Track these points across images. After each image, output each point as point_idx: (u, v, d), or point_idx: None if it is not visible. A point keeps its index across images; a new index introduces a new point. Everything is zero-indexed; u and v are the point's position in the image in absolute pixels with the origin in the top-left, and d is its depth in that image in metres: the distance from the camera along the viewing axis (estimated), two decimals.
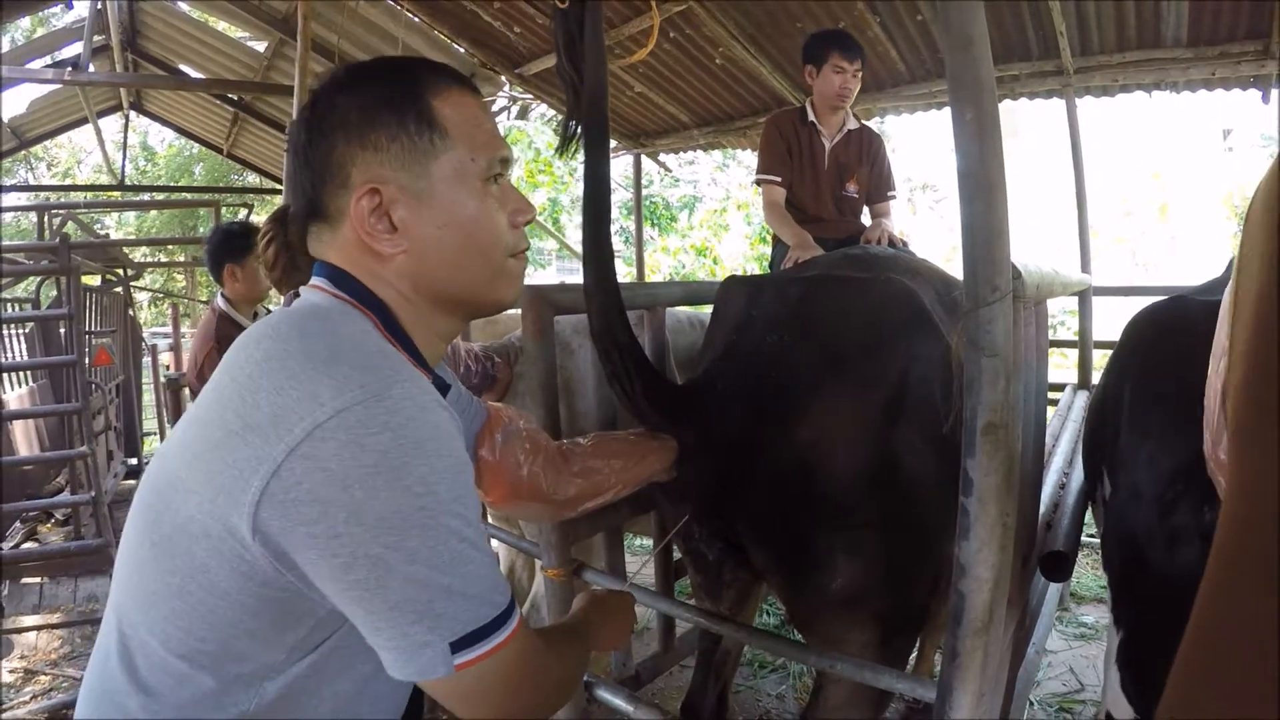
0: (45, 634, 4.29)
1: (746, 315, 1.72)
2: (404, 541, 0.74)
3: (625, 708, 1.73)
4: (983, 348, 1.00)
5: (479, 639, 0.79)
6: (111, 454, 6.53)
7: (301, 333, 0.82)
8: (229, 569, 0.77)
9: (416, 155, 0.89)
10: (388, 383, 0.77)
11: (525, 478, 1.28)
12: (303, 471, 0.74)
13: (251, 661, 0.81)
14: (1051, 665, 3.06)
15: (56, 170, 16.89)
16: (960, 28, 1.00)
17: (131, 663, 0.82)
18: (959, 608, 1.09)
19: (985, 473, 1.03)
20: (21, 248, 7.05)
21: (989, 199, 0.99)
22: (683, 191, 12.03)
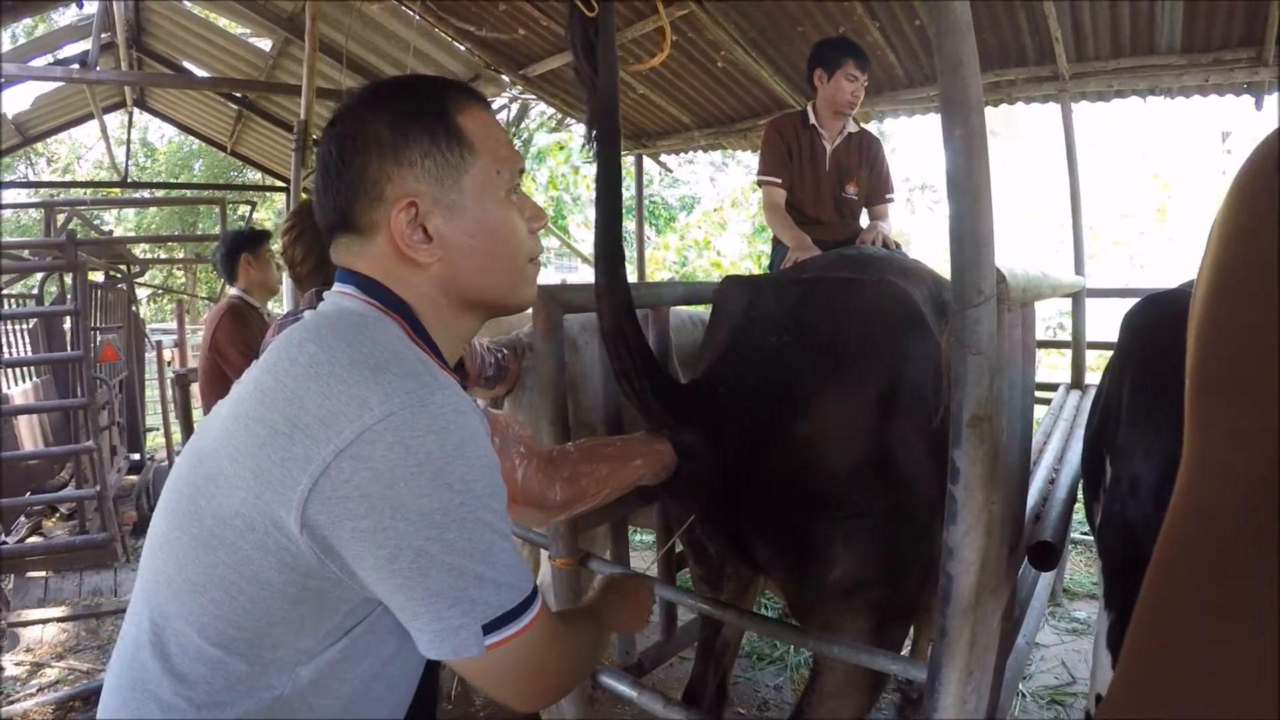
0: (50, 627, 4.32)
1: (746, 316, 1.77)
2: (444, 534, 0.81)
3: (629, 693, 1.78)
4: (969, 346, 1.08)
5: (508, 621, 0.85)
6: (115, 449, 6.56)
7: (345, 340, 0.87)
8: (273, 560, 0.83)
9: (449, 170, 0.95)
10: (430, 389, 0.83)
11: (519, 482, 1.34)
12: (351, 470, 0.79)
13: (287, 648, 0.87)
14: (1044, 659, 3.12)
15: (56, 166, 16.84)
16: (952, 51, 1.07)
17: (165, 651, 0.87)
18: (947, 588, 1.16)
19: (971, 462, 1.10)
20: (28, 244, 7.07)
21: (975, 209, 1.06)
22: (681, 191, 12.07)
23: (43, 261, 6.22)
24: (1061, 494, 1.92)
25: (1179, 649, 0.39)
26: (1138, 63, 3.66)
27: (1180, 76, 3.58)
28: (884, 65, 4.14)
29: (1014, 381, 1.33)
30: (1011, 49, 3.81)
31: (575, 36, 1.49)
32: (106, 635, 4.20)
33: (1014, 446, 1.40)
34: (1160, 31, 3.44)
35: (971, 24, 1.09)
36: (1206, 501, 0.42)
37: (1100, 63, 3.74)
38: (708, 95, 4.89)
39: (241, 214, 10.37)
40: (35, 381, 6.92)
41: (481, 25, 4.44)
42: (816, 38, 3.61)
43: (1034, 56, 3.84)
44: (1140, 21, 3.42)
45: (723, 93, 4.83)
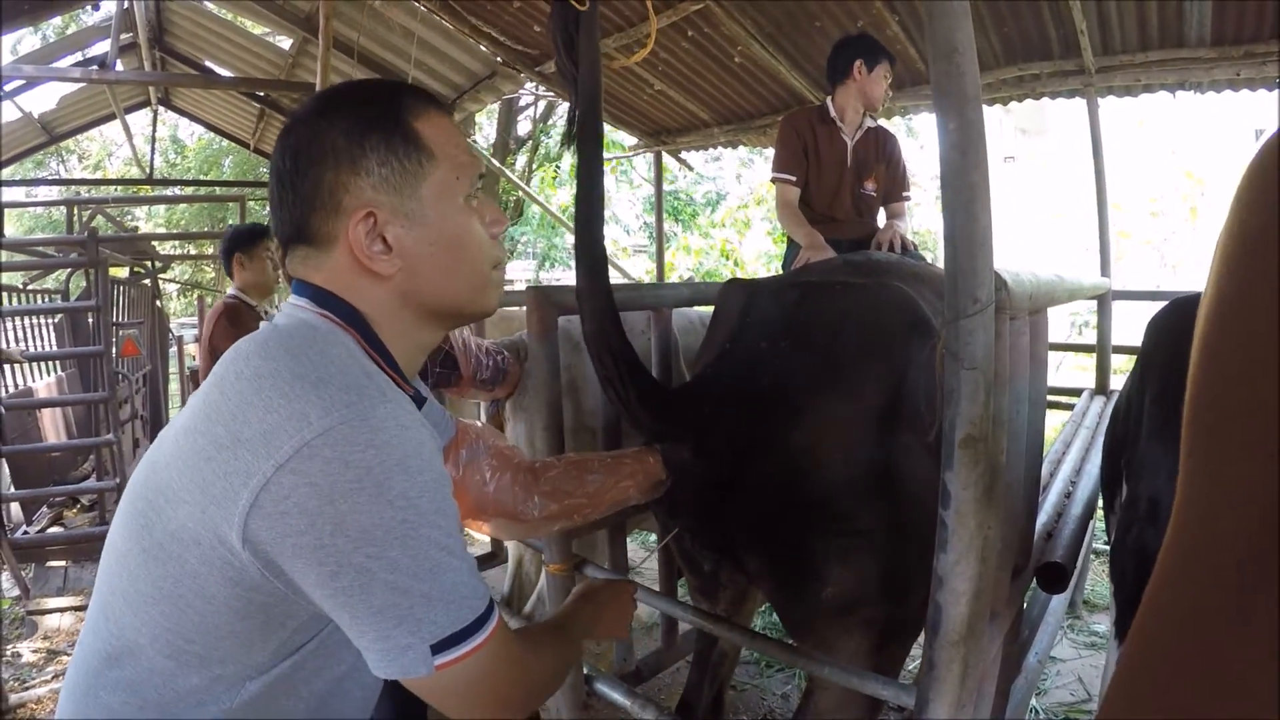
0: (68, 616, 4.37)
1: (742, 320, 1.72)
2: (386, 552, 0.78)
3: (624, 702, 1.74)
4: (962, 360, 1.00)
5: (458, 641, 0.83)
6: (138, 442, 6.63)
7: (290, 352, 0.85)
8: (219, 575, 0.81)
9: (406, 178, 0.92)
10: (373, 403, 0.81)
11: (491, 494, 1.30)
12: (290, 486, 0.77)
13: (236, 662, 0.85)
14: (1060, 674, 3.03)
15: (87, 163, 17.09)
16: (944, 36, 1.00)
17: (117, 661, 0.87)
18: (936, 619, 1.10)
19: (963, 485, 1.03)
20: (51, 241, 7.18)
21: (970, 210, 0.99)
22: (707, 188, 12.00)
23: (65, 258, 6.30)
24: (1077, 509, 1.84)
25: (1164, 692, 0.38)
26: (1166, 56, 3.55)
27: (1210, 70, 3.47)
28: (904, 60, 4.05)
29: (1020, 395, 1.26)
30: (1036, 42, 3.72)
31: (556, 31, 1.46)
32: None
33: (1019, 464, 1.33)
34: (1189, 24, 3.33)
35: (967, 7, 1.02)
36: (1194, 552, 0.40)
37: (1127, 56, 3.64)
38: (725, 91, 4.82)
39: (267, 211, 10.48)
40: (59, 375, 7.03)
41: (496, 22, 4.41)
42: (835, 32, 3.57)
43: (1059, 50, 3.74)
44: (1168, 14, 3.32)
45: (741, 89, 4.76)
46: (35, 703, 3.36)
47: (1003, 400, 1.09)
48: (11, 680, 3.58)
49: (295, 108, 0.97)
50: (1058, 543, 1.67)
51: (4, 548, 4.76)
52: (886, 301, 1.62)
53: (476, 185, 0.98)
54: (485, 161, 8.80)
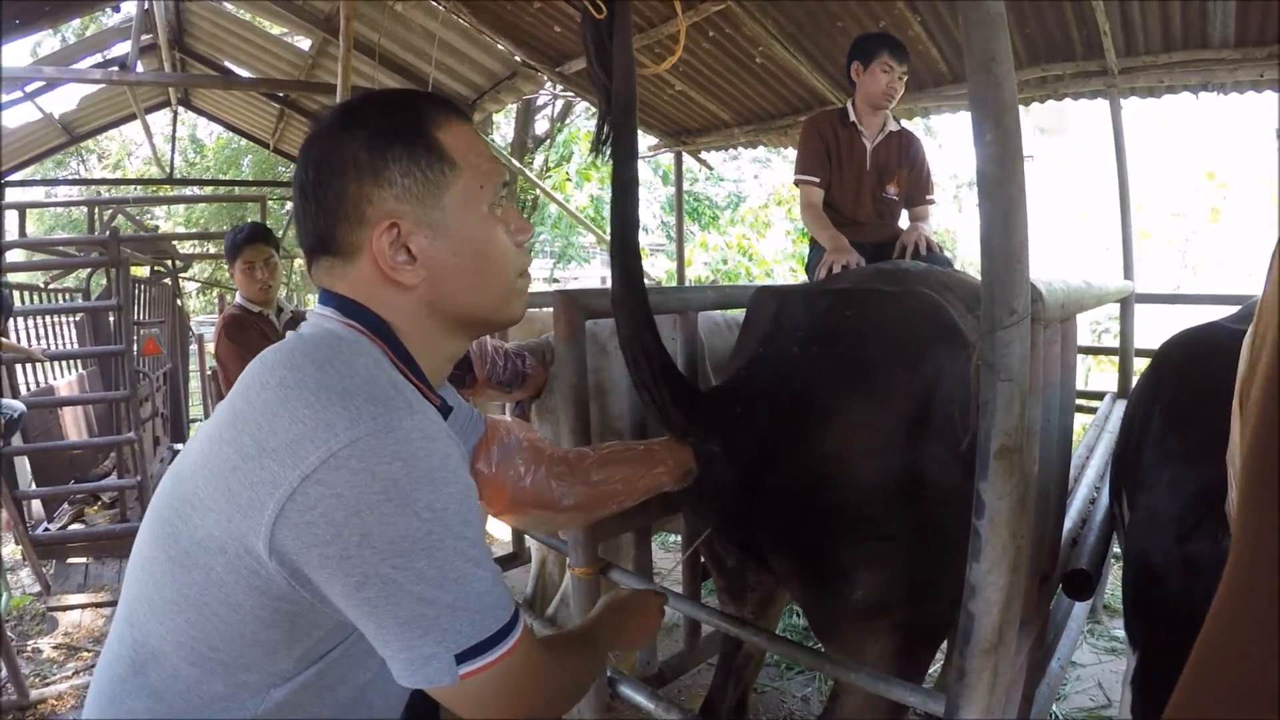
0: (89, 612, 4.41)
1: (774, 326, 1.72)
2: (412, 563, 0.79)
3: (647, 705, 1.75)
4: (999, 371, 1.00)
5: (483, 650, 0.84)
6: (158, 439, 6.70)
7: (316, 363, 0.86)
8: (245, 584, 0.82)
9: (430, 188, 0.92)
10: (399, 415, 0.82)
11: (527, 487, 1.31)
12: (317, 496, 0.78)
13: (261, 670, 0.86)
14: (1080, 679, 3.01)
15: (107, 162, 17.20)
16: (981, 45, 0.99)
17: (143, 667, 0.88)
18: (968, 628, 1.10)
19: (998, 495, 1.03)
20: (72, 241, 7.25)
21: (1009, 222, 0.98)
22: (726, 189, 11.96)
23: (86, 257, 6.36)
24: (1101, 515, 1.84)
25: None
26: (1189, 57, 3.51)
27: (1234, 72, 3.44)
28: (926, 60, 4.04)
29: (1051, 403, 1.26)
30: (1058, 43, 3.69)
31: (588, 38, 1.46)
32: None
33: (1051, 470, 1.33)
34: (1213, 25, 3.30)
35: (1004, 15, 1.01)
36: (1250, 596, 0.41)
37: (1150, 57, 3.61)
38: (746, 92, 4.81)
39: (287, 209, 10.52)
40: (80, 373, 7.10)
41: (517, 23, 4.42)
42: (856, 32, 3.53)
43: (1081, 51, 3.71)
44: (1191, 14, 3.29)
45: (762, 89, 4.74)
46: (56, 698, 3.40)
47: (1036, 410, 1.09)
48: (32, 676, 3.61)
49: (317, 120, 0.98)
50: (1083, 549, 1.66)
51: (25, 544, 4.81)
52: (916, 310, 1.62)
53: (501, 193, 0.98)
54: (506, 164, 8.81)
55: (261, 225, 3.38)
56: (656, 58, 4.35)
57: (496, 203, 0.97)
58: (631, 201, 1.49)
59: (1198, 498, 1.20)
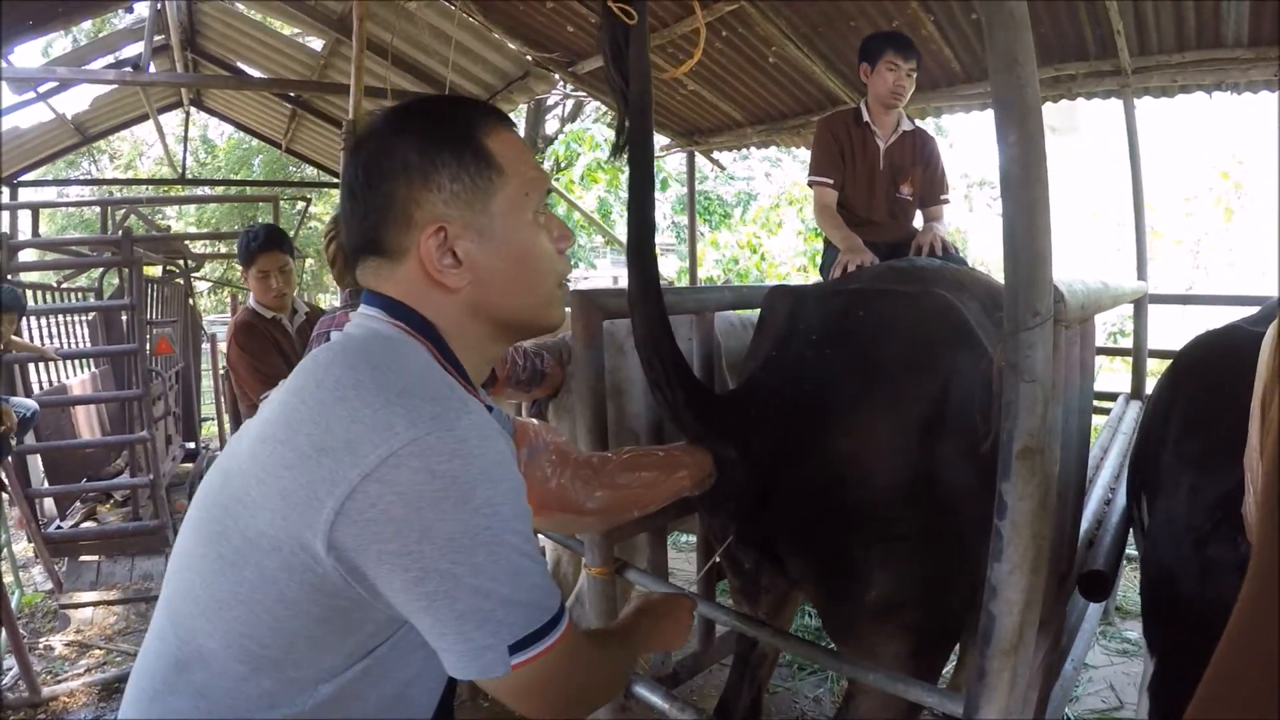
0: (101, 610, 4.44)
1: (789, 327, 1.73)
2: (471, 558, 0.81)
3: (662, 705, 1.75)
4: (1022, 373, 1.00)
5: (534, 641, 0.85)
6: (170, 438, 6.72)
7: (371, 363, 0.88)
8: (299, 581, 0.83)
9: (477, 193, 0.94)
10: (457, 414, 0.83)
11: (554, 490, 1.32)
12: (377, 494, 0.79)
13: (309, 666, 0.87)
14: (1092, 681, 3.02)
15: (119, 162, 17.25)
16: (1005, 47, 1.00)
17: (187, 666, 0.88)
18: (988, 628, 1.10)
19: (1020, 497, 1.03)
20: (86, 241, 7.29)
21: (1031, 222, 0.99)
22: (737, 188, 11.95)
23: (100, 257, 6.39)
24: (1116, 517, 1.83)
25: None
26: (1203, 56, 3.50)
27: (1247, 71, 3.42)
28: (939, 60, 4.03)
29: (1070, 403, 1.26)
30: (1071, 42, 3.68)
31: (605, 42, 1.46)
32: None
33: (1069, 472, 1.33)
34: (1226, 24, 3.29)
35: (1028, 18, 1.01)
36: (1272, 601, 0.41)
37: (1164, 56, 3.59)
38: (759, 91, 4.81)
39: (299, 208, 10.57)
40: (94, 371, 7.13)
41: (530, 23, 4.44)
42: (869, 31, 3.53)
43: (1095, 50, 3.70)
44: (1205, 14, 3.28)
45: (775, 89, 4.74)
46: (68, 696, 3.42)
47: (1057, 411, 1.10)
48: (44, 673, 3.63)
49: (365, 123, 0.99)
50: (1098, 551, 1.66)
51: (38, 542, 4.85)
52: (931, 310, 1.62)
53: (545, 201, 0.99)
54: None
55: (276, 230, 3.31)
56: (669, 58, 4.35)
57: (540, 210, 0.98)
58: (648, 204, 1.50)
59: (1215, 502, 1.20)
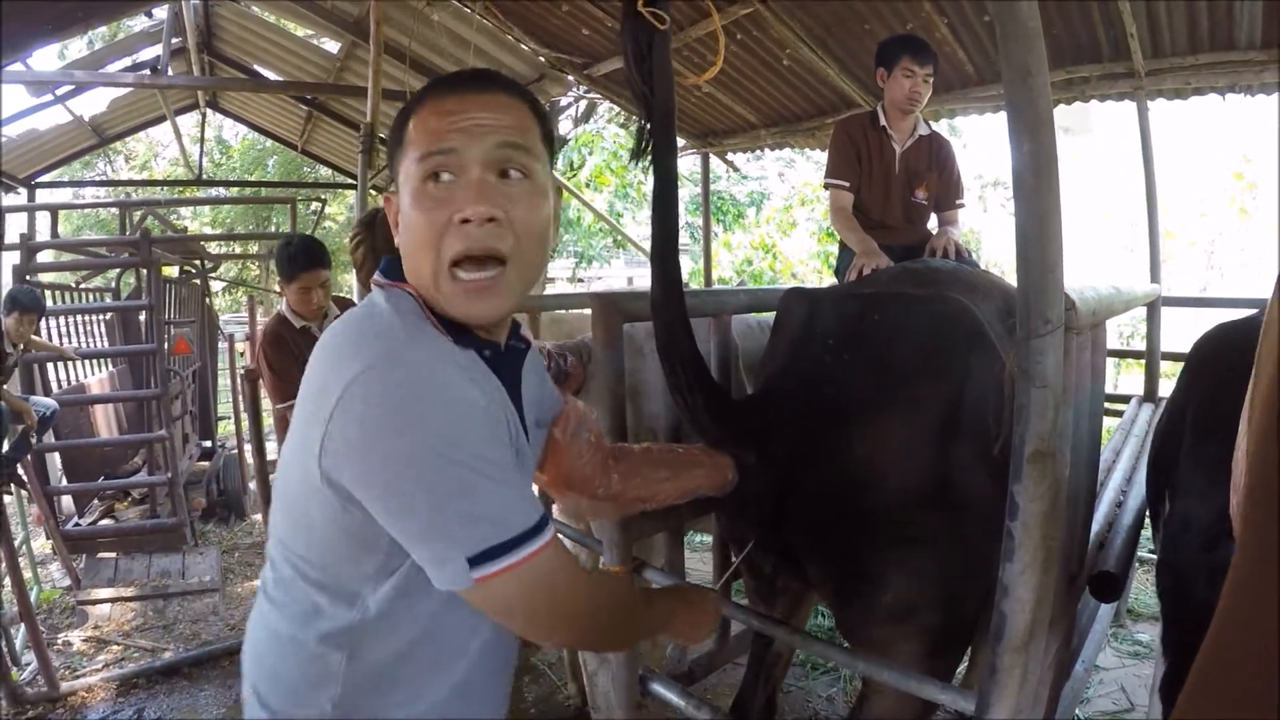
0: (118, 606, 4.51)
1: (806, 331, 1.75)
2: (422, 475, 0.88)
3: (679, 703, 1.78)
4: (1033, 378, 1.03)
5: (497, 555, 0.90)
6: (187, 437, 6.78)
7: (353, 315, 1.00)
8: (317, 507, 0.95)
9: (398, 165, 1.01)
10: (402, 348, 0.92)
11: (580, 469, 1.36)
12: (343, 424, 0.89)
13: (349, 581, 0.98)
14: (1103, 683, 3.03)
15: (134, 163, 17.37)
16: (1018, 58, 1.02)
17: (270, 585, 1.06)
18: (1000, 626, 1.13)
19: (1031, 499, 1.06)
20: (105, 242, 7.36)
21: (1044, 233, 1.02)
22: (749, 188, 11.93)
23: (119, 258, 6.46)
24: (1128, 519, 1.85)
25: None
26: (1216, 59, 3.50)
27: (1261, 74, 3.42)
28: (953, 63, 4.04)
29: (1081, 407, 1.28)
30: (1085, 44, 3.68)
31: (628, 47, 1.47)
32: (172, 616, 4.37)
33: (1079, 474, 1.35)
34: (1239, 27, 3.29)
35: (1040, 29, 1.04)
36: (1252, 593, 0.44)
37: (1177, 59, 3.59)
38: (773, 94, 4.83)
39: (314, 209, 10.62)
40: (111, 370, 7.19)
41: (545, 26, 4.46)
42: (883, 35, 3.54)
43: (1108, 53, 3.69)
44: (1218, 16, 3.28)
45: (789, 91, 4.76)
46: (86, 691, 3.48)
47: (1068, 415, 1.12)
48: (62, 669, 3.69)
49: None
50: (1110, 552, 1.67)
51: (56, 539, 4.90)
52: (945, 314, 1.65)
53: (434, 164, 0.96)
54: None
55: (315, 246, 3.29)
56: (685, 60, 4.37)
57: (431, 176, 0.96)
58: (671, 211, 1.52)
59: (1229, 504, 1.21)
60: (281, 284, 3.32)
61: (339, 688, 0.99)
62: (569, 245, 12.10)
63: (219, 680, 3.62)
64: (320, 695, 0.99)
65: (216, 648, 3.90)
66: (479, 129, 0.95)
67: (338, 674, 0.99)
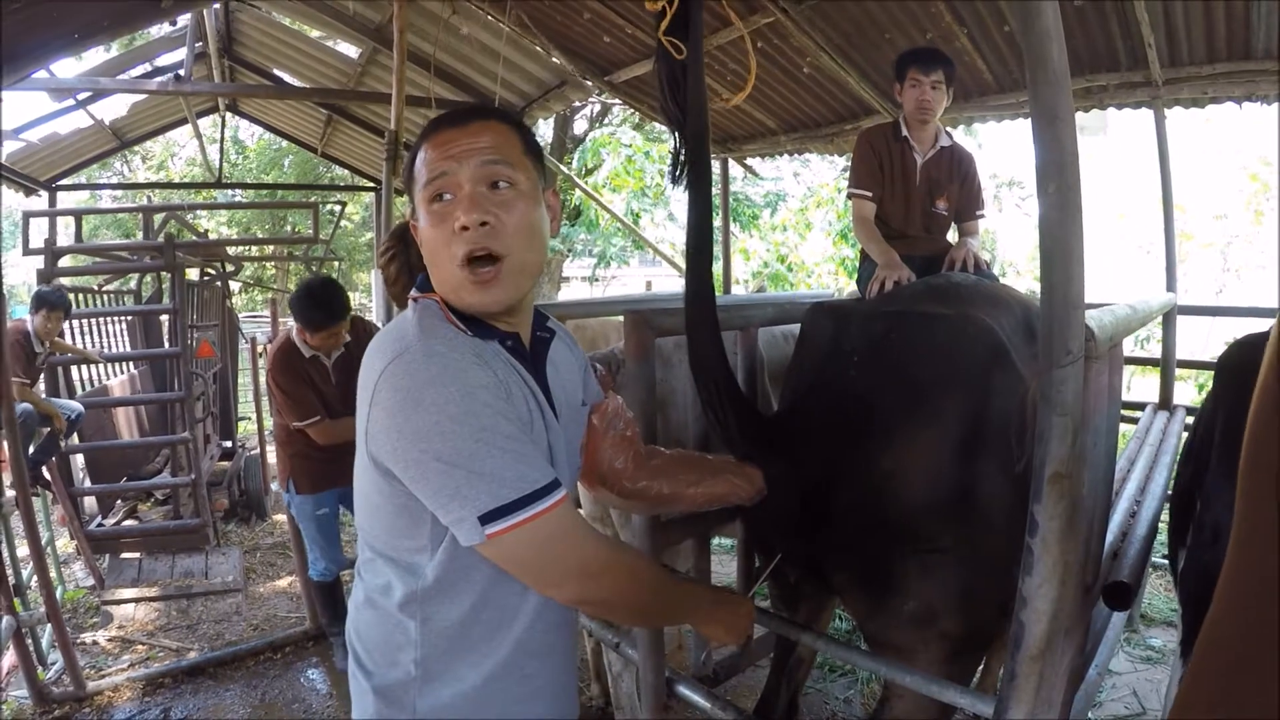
0: (142, 606, 4.57)
1: (832, 348, 1.80)
2: (431, 445, 1.02)
3: (705, 705, 1.83)
4: (1055, 406, 1.09)
5: (506, 513, 1.03)
6: (209, 438, 6.83)
7: (387, 329, 1.16)
8: (374, 487, 1.11)
9: (412, 192, 1.19)
10: (415, 342, 1.07)
11: (611, 461, 1.46)
12: (376, 414, 1.06)
13: (407, 554, 1.14)
14: (1115, 687, 3.06)
15: (151, 163, 17.53)
16: (1048, 103, 1.08)
17: (361, 566, 1.23)
18: (1019, 635, 1.19)
19: (1050, 517, 1.12)
20: (128, 246, 7.43)
21: (1067, 270, 1.08)
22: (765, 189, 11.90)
23: (142, 262, 6.54)
24: (1142, 529, 1.89)
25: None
26: (1233, 68, 3.50)
27: (1277, 82, 3.44)
28: (972, 71, 4.05)
29: (1099, 426, 1.33)
30: (1103, 54, 3.69)
31: (662, 73, 1.53)
32: (195, 615, 4.42)
33: (1095, 489, 1.40)
34: (1256, 36, 3.30)
35: (1068, 75, 1.10)
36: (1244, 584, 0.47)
37: (1194, 68, 3.60)
38: (793, 101, 4.85)
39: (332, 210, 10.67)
40: (133, 372, 7.26)
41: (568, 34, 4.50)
42: (904, 44, 3.56)
43: (1126, 62, 3.70)
44: (1235, 26, 3.28)
45: (809, 98, 4.78)
46: (112, 690, 3.53)
47: (1086, 438, 1.17)
48: (88, 668, 3.73)
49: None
50: (1124, 562, 1.71)
51: (80, 539, 4.96)
52: (968, 333, 1.69)
53: (436, 188, 1.13)
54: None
55: (335, 298, 3.40)
56: (707, 69, 4.40)
57: (437, 197, 1.13)
58: (706, 231, 1.57)
59: None
60: (302, 331, 3.41)
61: (418, 650, 1.14)
62: (588, 246, 12.13)
63: (244, 680, 3.67)
64: (404, 657, 1.14)
65: (241, 648, 3.94)
66: (466, 154, 1.12)
67: (415, 639, 1.14)
